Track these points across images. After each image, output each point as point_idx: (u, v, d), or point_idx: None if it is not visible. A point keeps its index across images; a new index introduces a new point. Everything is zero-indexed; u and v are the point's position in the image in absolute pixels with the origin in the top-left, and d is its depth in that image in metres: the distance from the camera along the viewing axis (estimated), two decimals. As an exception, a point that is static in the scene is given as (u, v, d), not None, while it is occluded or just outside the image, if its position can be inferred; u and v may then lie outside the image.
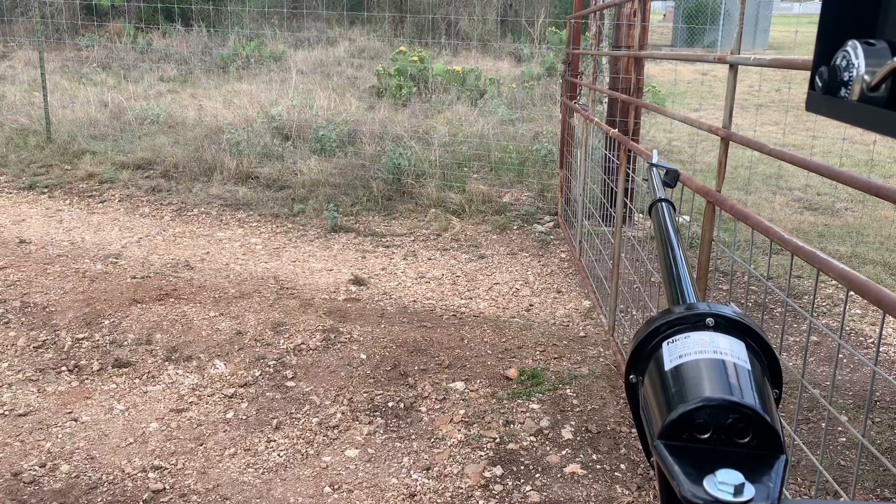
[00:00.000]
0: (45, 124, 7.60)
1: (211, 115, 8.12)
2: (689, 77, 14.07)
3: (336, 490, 2.57)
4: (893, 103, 0.35)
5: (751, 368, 0.64)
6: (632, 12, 4.82)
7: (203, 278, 4.48)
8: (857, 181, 1.52)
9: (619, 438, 2.88)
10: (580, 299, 4.28)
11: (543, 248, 5.18)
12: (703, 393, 0.61)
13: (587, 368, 3.43)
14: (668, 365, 0.65)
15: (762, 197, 6.31)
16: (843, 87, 0.38)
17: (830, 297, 4.23)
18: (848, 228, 5.48)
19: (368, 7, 14.67)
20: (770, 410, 0.61)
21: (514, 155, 6.59)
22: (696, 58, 3.62)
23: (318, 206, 5.85)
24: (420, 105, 8.74)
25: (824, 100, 0.39)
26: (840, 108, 0.38)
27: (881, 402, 3.15)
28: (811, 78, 0.41)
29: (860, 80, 0.36)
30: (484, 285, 4.49)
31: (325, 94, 9.02)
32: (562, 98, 5.75)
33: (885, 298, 1.33)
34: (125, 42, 12.85)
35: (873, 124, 0.36)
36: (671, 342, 0.67)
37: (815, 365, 3.47)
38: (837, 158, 7.29)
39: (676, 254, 0.93)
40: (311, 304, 4.13)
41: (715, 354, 0.64)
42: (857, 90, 0.37)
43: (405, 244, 5.22)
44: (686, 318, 0.68)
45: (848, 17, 0.38)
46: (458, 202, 5.90)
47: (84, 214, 5.80)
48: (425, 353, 3.57)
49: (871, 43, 0.36)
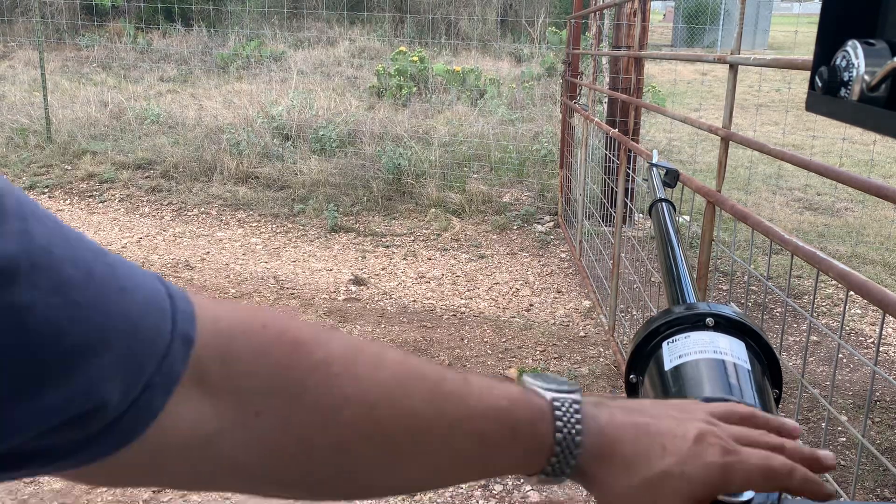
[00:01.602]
0: (46, 124, 7.60)
1: (211, 115, 8.12)
2: (689, 77, 14.08)
3: (336, 490, 2.57)
4: (893, 103, 0.35)
5: (751, 368, 0.64)
6: (632, 12, 4.82)
7: (203, 278, 4.48)
8: (857, 181, 1.52)
9: (619, 438, 2.88)
10: (580, 299, 4.28)
11: (543, 248, 5.18)
12: (703, 393, 0.61)
13: (587, 368, 3.43)
14: (668, 365, 0.65)
15: (762, 197, 6.31)
16: (842, 87, 0.38)
17: (830, 297, 4.23)
18: (848, 228, 5.48)
19: (368, 7, 14.67)
20: (770, 410, 0.61)
21: (514, 155, 6.58)
22: (696, 58, 3.62)
23: (318, 206, 5.85)
24: (420, 105, 8.74)
25: (824, 100, 0.39)
26: (840, 108, 0.39)
27: (881, 402, 3.15)
28: (811, 78, 0.41)
29: (860, 80, 0.36)
30: (484, 285, 4.49)
31: (325, 94, 9.02)
32: (562, 98, 5.75)
33: (886, 298, 1.33)
34: (125, 42, 12.85)
35: (873, 124, 0.36)
36: (671, 342, 0.67)
37: (815, 365, 3.47)
38: (837, 158, 7.29)
39: (676, 254, 0.93)
40: (311, 303, 4.13)
41: (715, 354, 0.64)
42: (857, 90, 0.37)
43: (405, 244, 5.22)
44: (686, 318, 0.68)
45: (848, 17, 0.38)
46: (458, 202, 5.90)
47: (84, 214, 5.80)
48: (425, 353, 3.56)
49: (871, 43, 0.36)
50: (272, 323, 0.41)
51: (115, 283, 0.34)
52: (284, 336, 0.41)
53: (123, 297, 0.34)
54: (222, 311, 0.41)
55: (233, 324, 0.40)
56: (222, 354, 0.39)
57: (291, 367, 0.41)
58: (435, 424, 0.44)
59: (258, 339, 0.40)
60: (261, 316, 0.42)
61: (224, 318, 0.40)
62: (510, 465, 0.46)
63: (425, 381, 0.44)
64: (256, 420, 0.40)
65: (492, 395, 0.45)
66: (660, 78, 11.83)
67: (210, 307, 0.40)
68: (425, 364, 0.46)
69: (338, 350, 0.43)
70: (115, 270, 0.35)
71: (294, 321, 0.43)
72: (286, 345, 0.41)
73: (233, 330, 0.40)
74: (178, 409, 0.37)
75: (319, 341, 0.42)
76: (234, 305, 0.42)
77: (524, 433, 0.45)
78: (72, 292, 0.32)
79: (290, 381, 0.41)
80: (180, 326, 0.37)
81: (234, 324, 0.40)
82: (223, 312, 0.40)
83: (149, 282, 0.37)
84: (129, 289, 0.35)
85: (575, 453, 0.45)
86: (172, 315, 0.37)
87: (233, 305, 0.42)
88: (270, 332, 0.41)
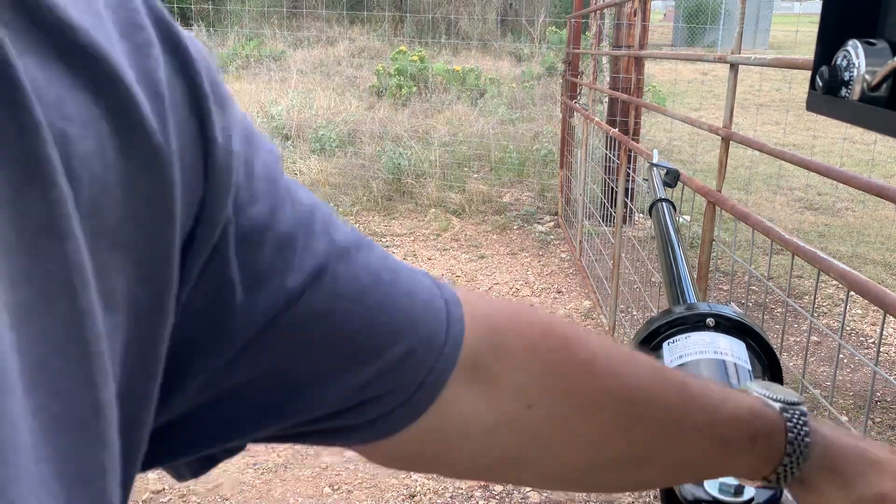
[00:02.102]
0: (46, 124, 7.59)
1: (211, 115, 8.10)
2: (689, 77, 14.08)
3: (336, 490, 2.57)
4: (894, 103, 0.35)
5: (751, 369, 0.64)
6: (632, 12, 4.81)
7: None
8: (858, 181, 1.52)
9: (620, 438, 2.88)
10: (580, 299, 4.28)
11: (543, 248, 5.18)
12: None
13: (587, 368, 3.43)
14: (669, 365, 0.65)
15: (762, 197, 6.31)
16: (843, 87, 0.38)
17: (831, 297, 4.23)
18: (849, 228, 5.48)
19: (368, 7, 14.67)
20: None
21: (514, 155, 6.58)
22: (696, 57, 3.62)
23: (318, 205, 5.85)
24: (420, 105, 8.73)
25: (825, 99, 0.39)
26: (840, 108, 0.38)
27: (881, 403, 3.15)
28: (811, 78, 0.41)
29: (861, 79, 0.36)
30: (484, 285, 4.49)
31: (324, 94, 9.02)
32: (562, 98, 5.75)
33: (886, 298, 1.33)
34: (125, 42, 12.84)
35: (874, 124, 0.36)
36: (672, 342, 0.67)
37: (816, 365, 3.46)
38: (838, 158, 7.29)
39: (677, 254, 0.93)
40: (311, 303, 4.13)
41: (715, 355, 0.64)
42: (858, 90, 0.36)
43: (405, 244, 5.22)
44: (686, 319, 0.68)
45: (849, 17, 0.38)
46: (458, 202, 5.90)
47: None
48: (425, 352, 3.56)
49: (871, 42, 0.36)
50: (537, 321, 0.45)
51: (401, 286, 0.39)
52: (551, 334, 0.44)
53: (408, 300, 0.39)
54: (492, 308, 0.44)
55: (503, 320, 0.44)
56: (497, 349, 0.42)
57: (560, 363, 0.44)
58: (685, 424, 0.46)
59: (529, 336, 0.44)
60: (525, 313, 0.45)
61: (495, 315, 0.44)
62: (742, 470, 0.50)
63: (674, 382, 0.47)
64: (528, 412, 0.42)
65: (733, 403, 0.48)
66: (660, 78, 11.82)
67: (480, 305, 0.43)
68: (666, 367, 0.50)
69: (598, 348, 0.45)
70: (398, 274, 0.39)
71: (555, 319, 0.46)
72: (554, 342, 0.44)
73: (505, 326, 0.43)
74: (456, 396, 0.40)
75: (581, 339, 0.45)
76: (501, 303, 0.46)
77: (762, 444, 0.48)
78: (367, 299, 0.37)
79: (559, 377, 0.43)
80: (453, 329, 0.40)
81: (504, 320, 0.44)
82: (493, 309, 0.44)
83: (425, 281, 0.41)
84: (412, 292, 0.39)
85: (802, 466, 0.48)
86: (447, 313, 0.40)
87: (499, 303, 0.46)
88: (537, 330, 0.44)
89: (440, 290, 0.41)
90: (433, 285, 0.41)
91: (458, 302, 0.42)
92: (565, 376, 0.43)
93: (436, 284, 0.42)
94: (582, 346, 0.45)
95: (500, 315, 0.44)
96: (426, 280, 0.41)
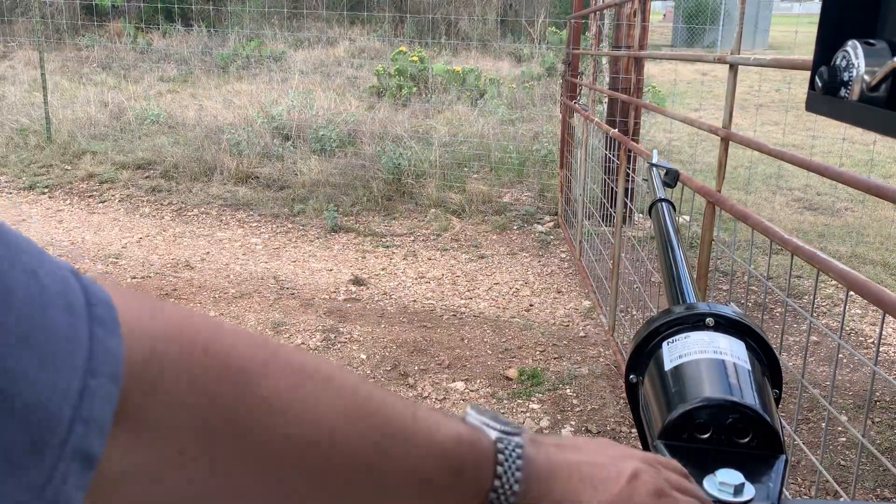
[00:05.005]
0: (46, 124, 7.60)
1: (211, 116, 8.12)
2: (689, 77, 14.08)
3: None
4: (893, 103, 0.35)
5: (751, 368, 0.64)
6: (632, 12, 4.82)
7: (203, 278, 4.48)
8: (858, 181, 1.52)
9: (620, 438, 2.88)
10: (580, 299, 4.28)
11: (543, 248, 5.18)
12: (703, 393, 0.61)
13: (587, 368, 3.43)
14: (669, 365, 0.65)
15: (762, 197, 6.31)
16: (843, 87, 0.38)
17: (830, 297, 4.23)
18: (848, 228, 5.48)
19: (368, 7, 14.67)
20: (770, 410, 0.61)
21: (514, 155, 6.58)
22: (696, 58, 3.62)
23: (318, 206, 5.85)
24: (420, 105, 8.73)
25: (824, 100, 0.39)
26: (840, 108, 0.39)
27: (881, 402, 3.15)
28: (811, 78, 0.41)
29: (860, 80, 0.36)
30: (484, 285, 4.49)
31: (325, 94, 9.03)
32: (562, 98, 5.75)
33: (886, 298, 1.33)
34: (125, 42, 12.85)
35: (873, 124, 0.36)
36: (671, 342, 0.67)
37: (815, 365, 3.47)
38: (837, 158, 7.29)
39: (676, 254, 0.93)
40: (311, 304, 4.13)
41: (715, 354, 0.64)
42: (857, 90, 0.37)
43: (405, 244, 5.22)
44: (686, 318, 0.68)
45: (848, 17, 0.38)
46: (458, 202, 5.90)
47: (84, 214, 5.80)
48: (425, 353, 3.57)
49: (870, 43, 0.36)
50: (214, 346, 0.37)
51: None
52: (227, 365, 0.37)
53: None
54: (159, 328, 0.35)
55: (170, 348, 0.35)
56: (153, 385, 0.34)
57: (229, 405, 0.37)
58: (378, 468, 0.42)
59: (198, 367, 0.36)
60: (203, 336, 0.37)
61: (161, 339, 0.35)
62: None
63: (373, 419, 0.42)
64: (181, 458, 0.36)
65: (439, 434, 0.45)
66: (660, 78, 11.82)
67: (144, 322, 0.35)
68: (375, 395, 0.43)
69: (283, 381, 0.39)
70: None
71: (241, 339, 0.39)
72: (228, 375, 0.37)
73: (169, 355, 0.35)
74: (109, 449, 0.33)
75: (266, 370, 0.38)
76: (173, 318, 0.36)
77: (468, 476, 0.45)
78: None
79: (226, 419, 0.37)
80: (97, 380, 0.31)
81: (170, 348, 0.35)
82: (160, 331, 0.35)
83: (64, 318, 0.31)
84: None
85: (514, 496, 0.46)
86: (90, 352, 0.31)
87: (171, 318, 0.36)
88: (212, 360, 0.36)
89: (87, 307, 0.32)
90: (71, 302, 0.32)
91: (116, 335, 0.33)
92: (234, 419, 0.37)
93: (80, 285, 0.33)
94: (264, 379, 0.38)
95: (168, 337, 0.35)
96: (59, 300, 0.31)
